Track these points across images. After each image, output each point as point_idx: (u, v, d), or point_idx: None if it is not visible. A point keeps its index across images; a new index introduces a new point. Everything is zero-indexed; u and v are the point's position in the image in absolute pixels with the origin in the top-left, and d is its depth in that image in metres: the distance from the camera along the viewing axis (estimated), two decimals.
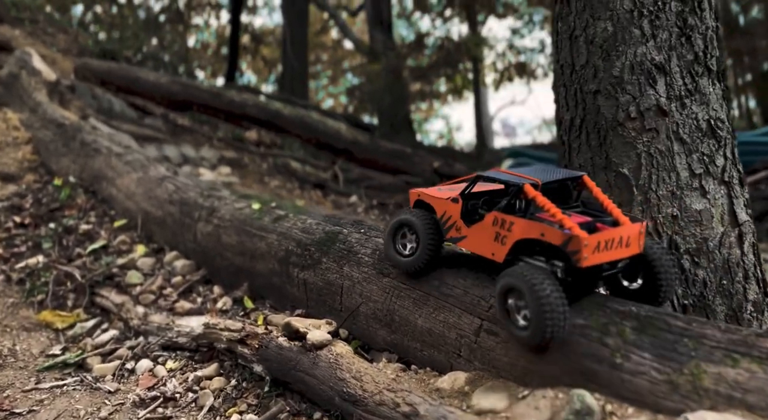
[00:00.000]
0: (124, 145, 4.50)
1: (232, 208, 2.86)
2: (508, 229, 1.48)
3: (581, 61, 1.96)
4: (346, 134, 7.62)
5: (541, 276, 1.34)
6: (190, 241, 3.03)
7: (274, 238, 2.49)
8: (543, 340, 1.36)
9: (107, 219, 3.71)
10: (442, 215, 1.73)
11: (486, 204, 1.69)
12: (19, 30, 10.13)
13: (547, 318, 1.32)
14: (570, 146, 2.05)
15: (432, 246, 1.73)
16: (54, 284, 2.95)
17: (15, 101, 5.66)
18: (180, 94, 7.86)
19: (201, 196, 3.15)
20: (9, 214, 3.76)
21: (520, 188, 1.49)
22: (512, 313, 1.44)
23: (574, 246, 1.32)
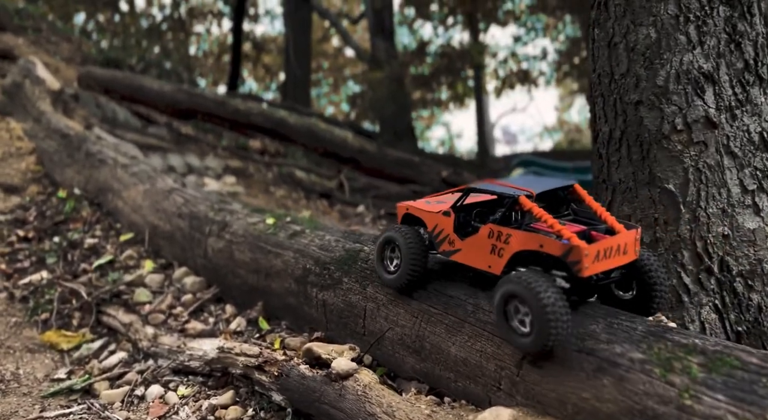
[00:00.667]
0: (130, 156, 4.39)
1: (245, 222, 2.74)
2: (505, 241, 1.48)
3: (621, 69, 1.84)
4: (352, 143, 7.52)
5: (545, 283, 1.34)
6: (200, 257, 2.91)
7: (290, 256, 2.37)
8: (545, 348, 1.36)
9: (113, 232, 3.60)
10: (434, 228, 1.72)
11: (479, 216, 1.69)
12: (22, 38, 10.06)
13: (552, 326, 1.32)
14: (608, 160, 1.93)
15: (414, 263, 1.73)
16: (59, 302, 2.83)
17: (19, 111, 5.56)
18: (184, 103, 7.77)
19: (211, 209, 3.03)
20: (12, 227, 3.64)
21: (515, 200, 1.48)
22: (511, 320, 1.44)
23: (574, 256, 1.33)
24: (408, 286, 1.79)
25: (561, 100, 41.38)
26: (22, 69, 5.82)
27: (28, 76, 5.73)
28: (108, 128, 6.74)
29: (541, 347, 1.36)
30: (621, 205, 1.89)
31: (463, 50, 24.42)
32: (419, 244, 1.73)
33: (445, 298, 1.75)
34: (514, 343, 1.44)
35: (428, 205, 1.78)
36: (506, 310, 1.44)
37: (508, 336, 1.46)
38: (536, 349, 1.38)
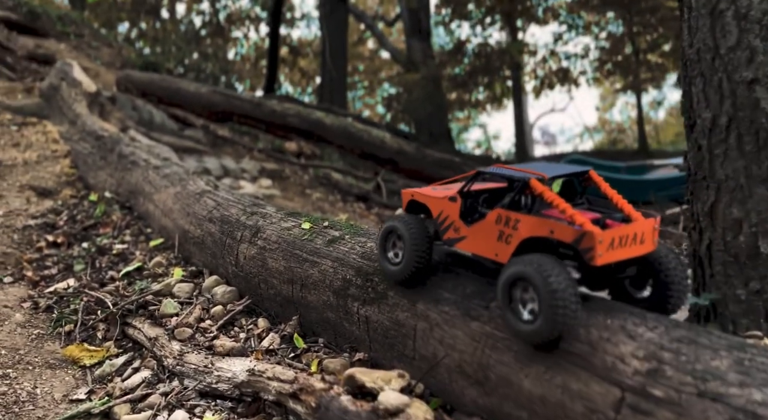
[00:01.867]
0: (162, 158, 4.23)
1: (279, 227, 2.50)
2: (514, 227, 1.40)
3: (729, 42, 1.51)
4: (390, 144, 7.26)
5: (557, 267, 1.26)
6: (231, 264, 2.68)
7: (328, 265, 2.11)
8: (550, 337, 1.28)
9: (143, 238, 3.43)
10: (439, 215, 1.63)
11: (487, 202, 1.61)
12: (64, 44, 10.23)
13: (559, 313, 1.24)
14: (711, 153, 1.59)
15: (418, 253, 1.64)
16: (83, 313, 2.65)
17: (55, 113, 5.52)
18: (221, 105, 7.67)
19: (244, 213, 2.80)
20: (42, 232, 3.52)
21: (525, 183, 1.41)
22: (515, 304, 1.35)
23: (587, 243, 1.25)
24: (412, 278, 1.69)
25: (602, 99, 40.28)
26: (59, 71, 5.79)
27: (65, 78, 5.70)
28: (144, 131, 6.67)
29: (546, 336, 1.28)
30: (729, 207, 1.55)
31: (502, 49, 23.91)
32: (422, 232, 1.64)
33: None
34: (517, 330, 1.35)
35: (434, 191, 1.69)
36: (511, 294, 1.35)
37: (510, 322, 1.37)
38: (540, 338, 1.30)
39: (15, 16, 10.09)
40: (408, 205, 1.75)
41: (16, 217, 3.67)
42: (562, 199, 1.34)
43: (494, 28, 25.84)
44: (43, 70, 8.37)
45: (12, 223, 3.56)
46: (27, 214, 3.77)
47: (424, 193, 1.69)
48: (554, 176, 1.44)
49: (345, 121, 7.67)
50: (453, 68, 25.89)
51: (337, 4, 15.32)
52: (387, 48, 30.78)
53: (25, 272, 3.06)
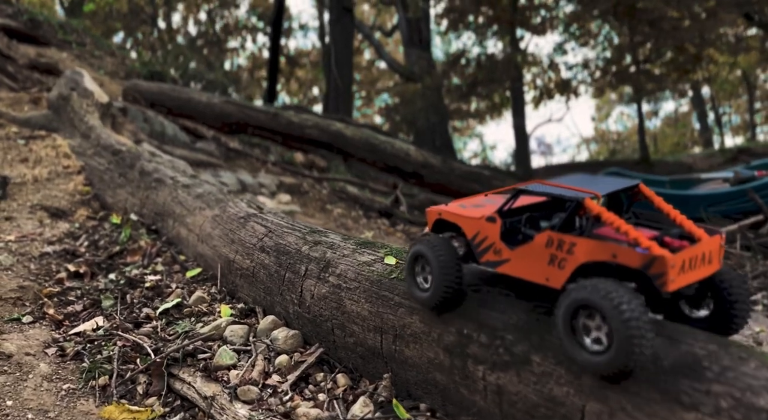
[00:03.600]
0: (189, 174, 3.86)
1: (356, 261, 2.13)
2: (568, 251, 1.31)
3: None
4: (416, 156, 6.91)
5: (627, 294, 1.17)
6: (293, 303, 2.30)
7: (434, 313, 1.74)
8: (623, 369, 1.19)
9: (177, 267, 3.04)
10: (475, 236, 1.54)
11: (529, 222, 1.49)
12: (66, 53, 9.84)
13: (635, 343, 1.14)
14: None
15: (447, 278, 1.55)
16: (119, 361, 2.26)
17: (65, 126, 5.13)
18: (235, 115, 7.30)
19: (304, 242, 2.43)
20: (62, 261, 3.12)
21: (579, 203, 1.32)
22: (580, 335, 1.26)
23: (658, 268, 1.17)
24: (443, 305, 1.62)
25: (598, 109, 40.23)
26: (69, 80, 5.41)
27: (75, 88, 5.31)
28: (156, 144, 6.29)
29: (619, 368, 1.19)
30: None
31: (505, 59, 23.73)
32: (450, 256, 1.55)
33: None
34: (583, 362, 1.25)
35: (465, 210, 1.60)
36: (573, 324, 1.26)
37: (574, 353, 1.27)
38: (612, 370, 1.21)
39: (15, 24, 9.71)
40: (435, 224, 1.66)
41: (30, 243, 3.28)
42: (621, 219, 1.24)
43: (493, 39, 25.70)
44: (46, 80, 7.97)
45: (27, 251, 3.16)
46: (42, 238, 3.37)
47: (455, 212, 1.59)
48: (608, 193, 1.34)
49: (367, 132, 7.32)
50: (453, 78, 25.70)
51: (343, 12, 15.05)
52: (385, 58, 30.62)
53: (46, 310, 2.67)
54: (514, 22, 23.52)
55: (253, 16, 29.03)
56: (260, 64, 29.50)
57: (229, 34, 28.78)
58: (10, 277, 2.83)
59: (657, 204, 1.38)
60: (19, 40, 9.29)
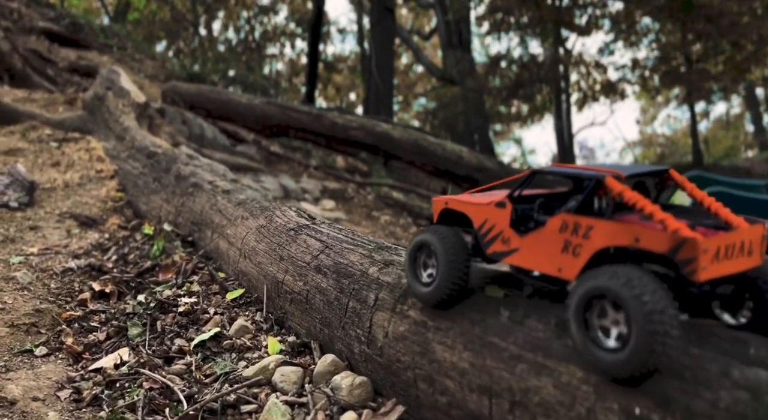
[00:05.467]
0: (230, 179, 3.43)
1: None
2: (585, 235, 1.14)
3: None
4: (469, 159, 6.37)
5: (651, 282, 1.00)
6: (359, 340, 1.81)
7: (575, 377, 1.21)
8: (641, 370, 1.02)
9: (215, 287, 2.60)
10: (482, 224, 1.40)
11: (543, 208, 1.35)
12: (107, 56, 9.71)
13: (657, 341, 0.98)
14: None
15: (454, 272, 1.41)
16: (145, 410, 1.81)
17: (100, 127, 4.81)
18: (276, 117, 6.92)
19: (371, 261, 1.94)
20: (86, 277, 2.72)
21: (599, 182, 1.17)
22: (593, 329, 1.10)
23: (687, 253, 1.01)
24: (446, 302, 1.48)
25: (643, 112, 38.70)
26: (105, 79, 5.10)
27: (111, 87, 5.00)
28: (195, 147, 5.95)
29: (638, 368, 1.02)
30: None
31: (550, 60, 22.92)
32: (460, 247, 1.41)
33: None
34: (596, 360, 1.09)
35: (474, 198, 1.48)
36: (587, 317, 1.10)
37: (587, 351, 1.10)
38: (627, 371, 1.04)
39: (57, 28, 9.63)
40: (441, 214, 1.53)
41: (54, 257, 2.90)
42: (647, 200, 1.10)
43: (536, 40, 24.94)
44: (85, 83, 7.79)
45: (49, 265, 2.78)
46: (67, 251, 3.00)
47: (462, 199, 1.48)
48: (632, 174, 1.21)
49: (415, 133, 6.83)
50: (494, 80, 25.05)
51: (384, 13, 14.64)
52: (423, 62, 30.19)
53: (64, 339, 2.26)
54: (559, 21, 22.72)
55: (292, 22, 29.09)
56: (298, 70, 29.51)
57: (268, 40, 28.90)
58: (26, 299, 2.44)
59: (689, 191, 1.24)
60: (60, 43, 9.20)
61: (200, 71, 10.67)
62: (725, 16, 19.10)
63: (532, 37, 24.51)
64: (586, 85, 26.76)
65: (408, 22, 31.52)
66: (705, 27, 20.72)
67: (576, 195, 1.30)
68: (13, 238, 3.09)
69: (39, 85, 6.82)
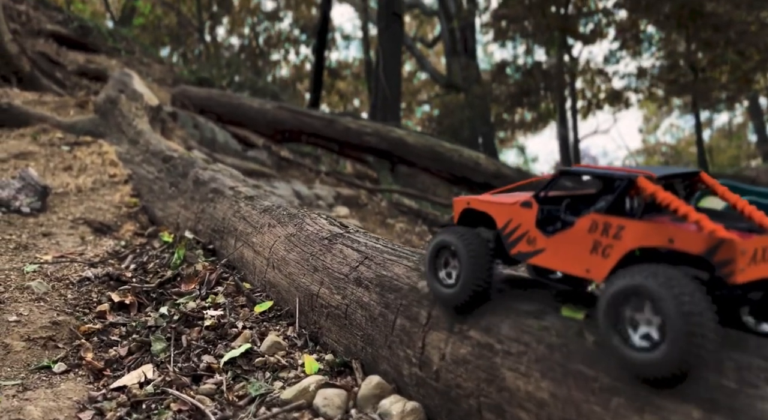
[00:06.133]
0: (252, 184, 3.29)
1: (509, 309, 1.47)
2: (616, 235, 1.12)
3: None
4: (486, 165, 6.24)
5: (691, 283, 0.98)
6: (409, 362, 1.66)
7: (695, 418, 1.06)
8: (675, 371, 1.00)
9: (242, 299, 2.45)
10: (506, 224, 1.38)
11: (570, 208, 1.31)
12: (115, 60, 9.61)
13: (694, 343, 0.96)
14: None
15: (479, 273, 1.40)
16: None
17: (112, 131, 4.68)
18: (288, 122, 6.80)
19: (419, 274, 1.79)
20: (104, 288, 2.58)
21: (631, 182, 1.15)
22: (625, 327, 1.08)
23: (725, 254, 0.99)
24: (470, 304, 1.45)
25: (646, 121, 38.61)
26: (118, 82, 4.98)
27: (124, 90, 4.87)
28: (207, 151, 5.82)
29: (672, 369, 1.00)
30: None
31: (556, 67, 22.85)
32: (483, 248, 1.40)
33: None
34: (628, 359, 1.06)
35: (498, 198, 1.45)
36: (619, 313, 1.08)
37: (618, 350, 1.08)
38: (661, 372, 1.01)
39: (65, 31, 9.54)
40: (462, 215, 1.52)
41: (69, 265, 2.76)
42: (680, 200, 1.08)
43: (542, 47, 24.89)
44: (94, 86, 7.68)
45: (65, 274, 2.64)
46: (83, 259, 2.85)
47: (486, 199, 1.46)
48: (663, 175, 1.17)
49: (431, 139, 6.69)
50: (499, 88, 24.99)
51: (392, 18, 14.56)
52: (427, 69, 30.15)
53: (83, 354, 2.11)
54: (565, 29, 22.68)
55: (296, 28, 29.10)
56: (302, 77, 29.49)
57: (272, 46, 28.89)
58: (42, 310, 2.30)
59: (721, 194, 1.21)
60: (68, 46, 9.10)
61: (208, 76, 10.56)
62: (733, 25, 19.02)
63: (537, 45, 24.47)
64: (591, 93, 26.73)
65: (412, 30, 31.53)
66: (712, 36, 20.65)
67: (605, 195, 1.29)
68: (26, 244, 2.95)
69: (47, 88, 6.70)
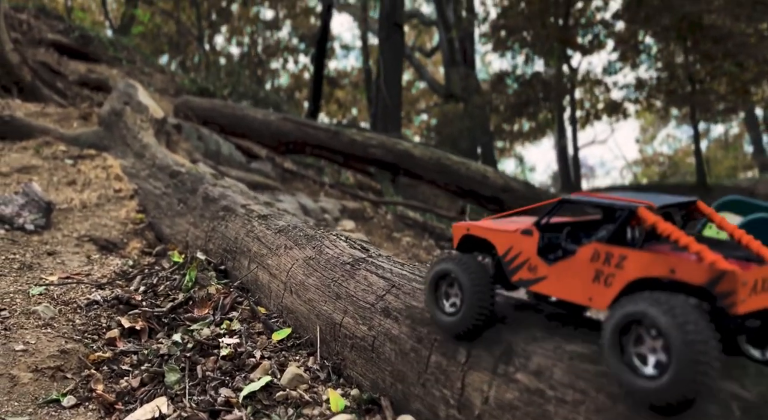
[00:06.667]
0: (264, 201, 3.20)
1: (561, 351, 1.37)
2: (618, 265, 1.15)
3: None
4: (494, 179, 6.16)
5: (694, 311, 1.00)
6: (446, 403, 1.56)
7: None
8: (679, 399, 1.02)
9: (259, 325, 2.35)
10: (507, 252, 1.39)
11: (571, 236, 1.34)
12: (116, 69, 9.53)
13: (699, 371, 0.98)
14: None
15: (481, 301, 1.41)
16: None
17: (117, 144, 4.59)
18: (293, 134, 6.71)
19: None
20: (113, 312, 2.47)
21: (632, 212, 1.17)
22: (630, 355, 1.10)
23: (726, 285, 1.02)
24: (473, 332, 1.46)
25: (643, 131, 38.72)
26: (122, 94, 4.89)
27: (128, 102, 4.78)
28: (212, 164, 5.73)
29: (677, 397, 1.02)
30: None
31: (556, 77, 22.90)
32: (484, 277, 1.41)
33: None
34: (632, 387, 1.08)
35: (497, 224, 1.46)
36: (622, 341, 1.10)
37: (623, 376, 1.10)
38: (668, 399, 1.02)
39: (66, 40, 9.46)
40: (461, 241, 1.53)
41: (76, 286, 2.65)
42: (680, 231, 1.10)
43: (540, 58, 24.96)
44: (95, 96, 7.59)
45: (72, 298, 2.53)
46: (90, 280, 2.75)
47: (485, 226, 1.47)
48: (664, 205, 1.20)
49: (438, 152, 6.62)
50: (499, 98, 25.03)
51: (393, 29, 14.55)
52: (426, 78, 30.20)
53: (93, 385, 2.00)
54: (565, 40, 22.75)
55: (295, 37, 29.13)
56: (301, 85, 29.49)
57: (271, 55, 28.89)
58: (50, 337, 2.19)
59: (718, 223, 1.23)
60: (69, 56, 9.02)
61: (209, 85, 10.49)
62: (733, 37, 19.11)
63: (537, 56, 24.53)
64: (590, 103, 26.81)
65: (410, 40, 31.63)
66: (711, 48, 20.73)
67: (606, 224, 1.30)
68: (31, 264, 2.84)
69: (49, 99, 6.61)
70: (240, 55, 27.51)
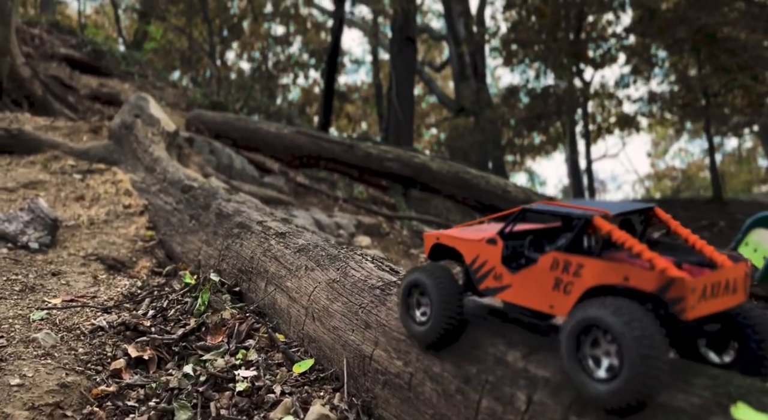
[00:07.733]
0: (281, 218, 3.01)
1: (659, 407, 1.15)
2: (575, 273, 1.17)
3: None
4: (515, 193, 5.94)
5: (640, 311, 1.03)
6: None
7: None
8: (631, 399, 1.02)
9: (278, 356, 2.13)
10: (474, 260, 1.41)
11: (533, 245, 1.36)
12: (128, 84, 9.46)
13: (649, 365, 0.99)
14: None
15: (448, 310, 1.42)
16: None
17: (127, 158, 4.43)
18: (307, 147, 6.55)
19: (506, 344, 1.47)
20: (120, 339, 2.27)
21: (588, 221, 1.20)
22: (586, 358, 1.13)
23: (676, 292, 1.04)
24: (442, 341, 1.47)
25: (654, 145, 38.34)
26: (133, 106, 4.74)
27: (140, 115, 4.63)
28: (224, 178, 5.56)
29: (627, 398, 1.03)
30: None
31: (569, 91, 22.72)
32: (451, 286, 1.43)
33: None
34: (589, 390, 1.10)
35: (466, 233, 1.48)
36: (578, 346, 1.13)
37: (580, 380, 1.13)
38: (619, 401, 1.04)
39: (78, 55, 9.42)
40: (432, 250, 1.54)
41: (80, 310, 2.45)
42: (634, 239, 1.13)
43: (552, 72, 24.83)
44: (107, 111, 7.49)
45: (75, 323, 2.33)
46: (95, 303, 2.55)
47: (453, 235, 1.48)
48: (619, 213, 1.23)
49: (456, 166, 6.42)
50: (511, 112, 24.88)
51: (405, 43, 14.46)
52: (436, 93, 30.17)
53: None
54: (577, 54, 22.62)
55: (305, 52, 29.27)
56: (311, 100, 29.53)
57: (281, 70, 29.01)
58: (49, 369, 1.99)
59: (674, 228, 1.24)
60: (81, 70, 8.97)
61: (222, 99, 10.40)
62: (748, 49, 18.87)
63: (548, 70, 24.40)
64: (602, 117, 26.61)
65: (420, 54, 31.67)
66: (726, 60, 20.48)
67: (566, 233, 1.33)
68: (33, 285, 2.66)
69: (60, 113, 6.50)
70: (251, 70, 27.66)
